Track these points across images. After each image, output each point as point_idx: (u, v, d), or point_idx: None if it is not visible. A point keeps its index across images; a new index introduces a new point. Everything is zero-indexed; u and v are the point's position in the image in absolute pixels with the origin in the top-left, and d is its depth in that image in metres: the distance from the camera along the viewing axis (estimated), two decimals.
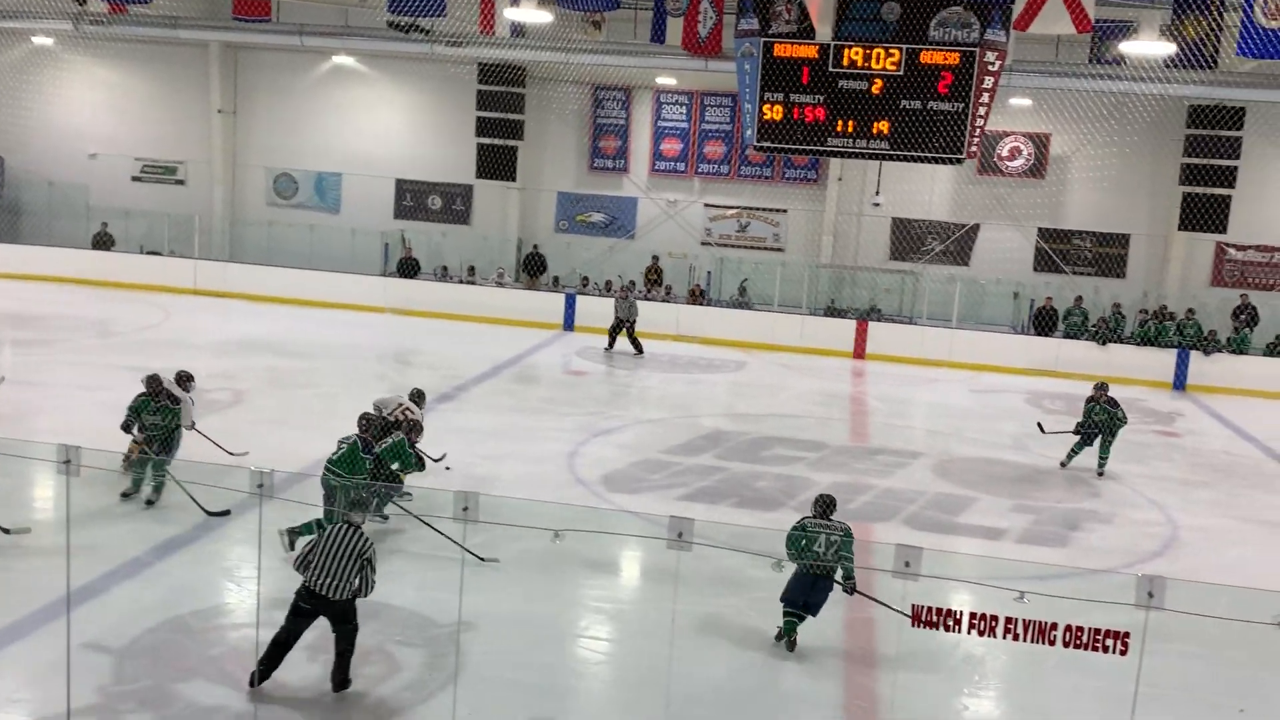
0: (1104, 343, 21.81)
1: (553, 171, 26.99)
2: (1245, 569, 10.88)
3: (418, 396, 11.76)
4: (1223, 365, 21.43)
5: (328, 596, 6.98)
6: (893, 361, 22.14)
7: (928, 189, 24.76)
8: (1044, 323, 22.95)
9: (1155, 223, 24.34)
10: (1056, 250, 24.90)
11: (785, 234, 26.03)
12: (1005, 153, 24.61)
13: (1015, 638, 5.21)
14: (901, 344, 22.54)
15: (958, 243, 25.15)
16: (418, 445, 10.29)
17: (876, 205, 23.41)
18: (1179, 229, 22.36)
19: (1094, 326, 22.25)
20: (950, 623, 5.22)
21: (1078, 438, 14.45)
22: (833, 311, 24.41)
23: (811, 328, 23.07)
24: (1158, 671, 6.21)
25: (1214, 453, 16.42)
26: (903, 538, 10.93)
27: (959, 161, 15.78)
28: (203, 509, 9.78)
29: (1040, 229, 24.87)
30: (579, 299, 23.74)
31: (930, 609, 5.24)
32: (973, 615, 5.21)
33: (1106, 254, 24.76)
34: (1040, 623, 5.25)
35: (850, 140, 15.70)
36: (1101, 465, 14.26)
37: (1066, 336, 22.52)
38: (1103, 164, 24.01)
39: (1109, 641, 5.14)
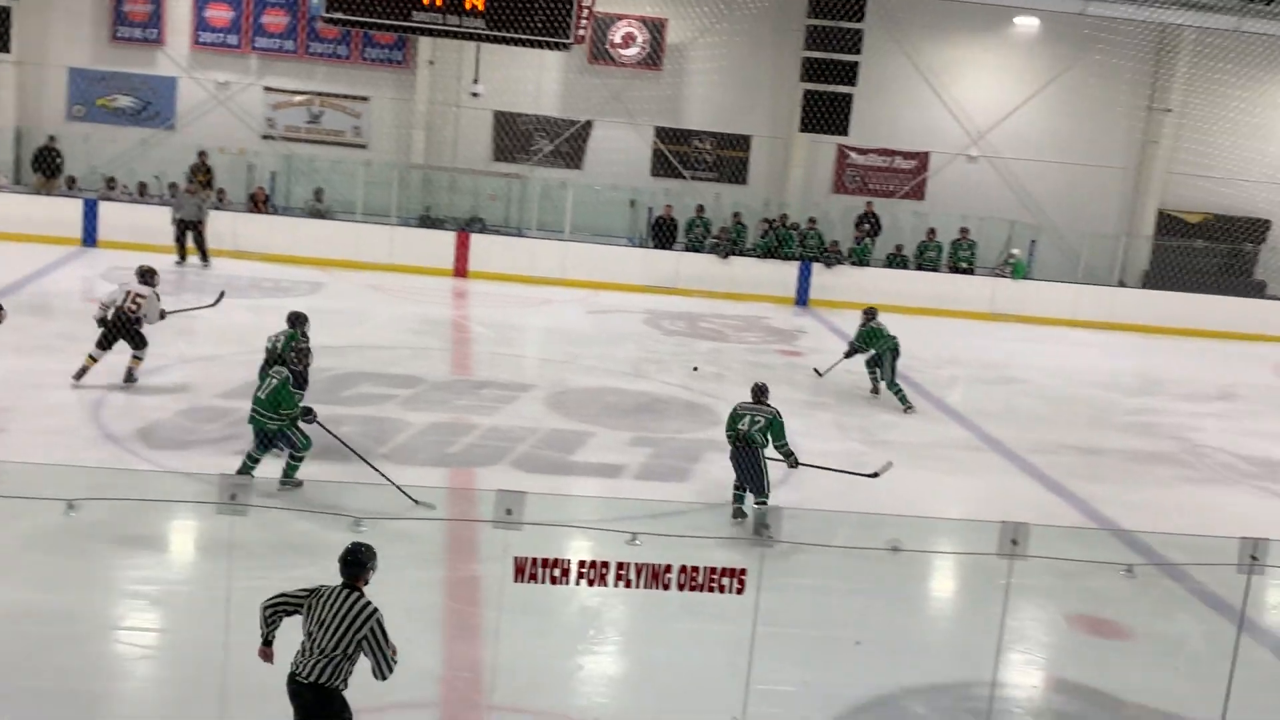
0: (726, 255, 23.36)
1: (62, 41, 24.64)
2: (865, 493, 12.13)
3: (147, 275, 13.56)
4: (845, 278, 23.66)
5: (300, 678, 5.87)
6: (499, 280, 22.46)
7: (535, 78, 25.15)
8: (663, 234, 24.17)
9: (777, 123, 26.23)
10: (676, 153, 26.23)
11: (368, 127, 25.49)
12: (619, 39, 25.45)
13: (628, 584, 5.48)
14: (508, 260, 22.91)
15: (569, 142, 25.81)
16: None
17: (476, 95, 23.47)
18: (800, 130, 24.23)
19: (715, 238, 23.74)
20: (557, 574, 5.41)
21: (863, 365, 16.14)
22: (428, 222, 24.32)
23: (403, 241, 22.88)
24: (777, 608, 6.81)
25: (837, 371, 18.11)
26: (512, 481, 11.18)
27: (566, 46, 16.14)
28: None
29: (658, 128, 26.05)
30: (102, 206, 22.01)
31: (534, 560, 5.40)
32: (581, 564, 5.42)
33: (728, 157, 26.41)
34: (654, 566, 5.55)
35: (440, 15, 15.57)
36: (899, 394, 15.86)
37: (689, 249, 23.88)
38: (723, 56, 25.48)
39: (725, 580, 5.55)
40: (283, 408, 10.39)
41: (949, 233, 25.11)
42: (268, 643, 6.09)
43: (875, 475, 11.32)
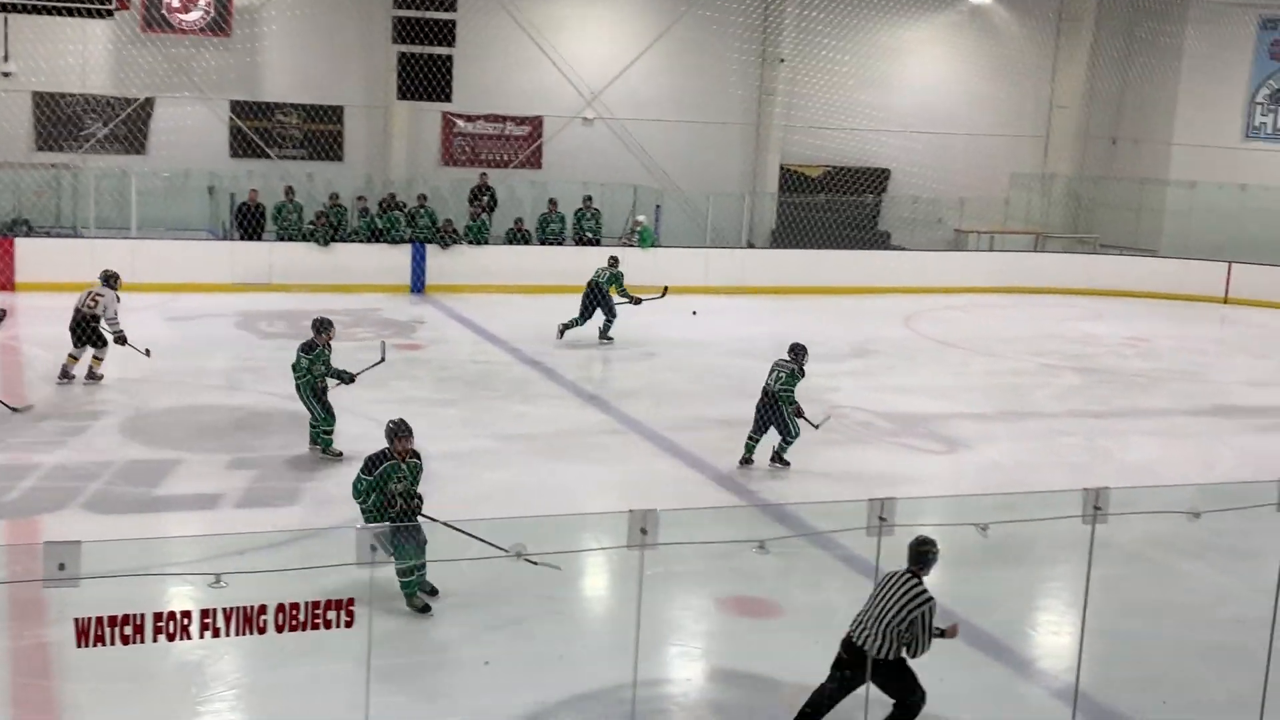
0: (325, 242, 22.90)
1: None
2: (499, 496, 12.23)
3: (110, 279, 15.65)
4: (463, 259, 23.72)
5: (862, 649, 7.29)
6: (54, 290, 21.02)
7: (79, 52, 23.77)
8: (250, 223, 23.38)
9: (372, 92, 25.94)
10: (257, 130, 25.44)
11: None
12: (176, 3, 24.38)
13: (215, 634, 5.24)
14: (65, 265, 21.49)
15: (128, 124, 24.56)
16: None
17: (7, 75, 21.96)
18: (399, 98, 24.07)
19: (311, 223, 23.22)
20: (129, 631, 5.08)
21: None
22: None
23: None
24: (401, 635, 6.74)
25: (462, 363, 18.20)
26: (85, 528, 10.54)
27: (108, 13, 15.29)
28: None
29: (234, 103, 25.21)
30: None
31: (98, 620, 5.05)
32: (157, 617, 5.13)
33: (319, 132, 25.87)
34: (246, 609, 5.34)
35: None
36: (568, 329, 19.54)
37: (281, 238, 23.23)
38: (302, 18, 24.91)
39: (331, 614, 5.40)
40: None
41: (571, 202, 25.66)
42: None
43: (817, 426, 13.43)
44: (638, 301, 19.71)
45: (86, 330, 15.53)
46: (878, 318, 23.40)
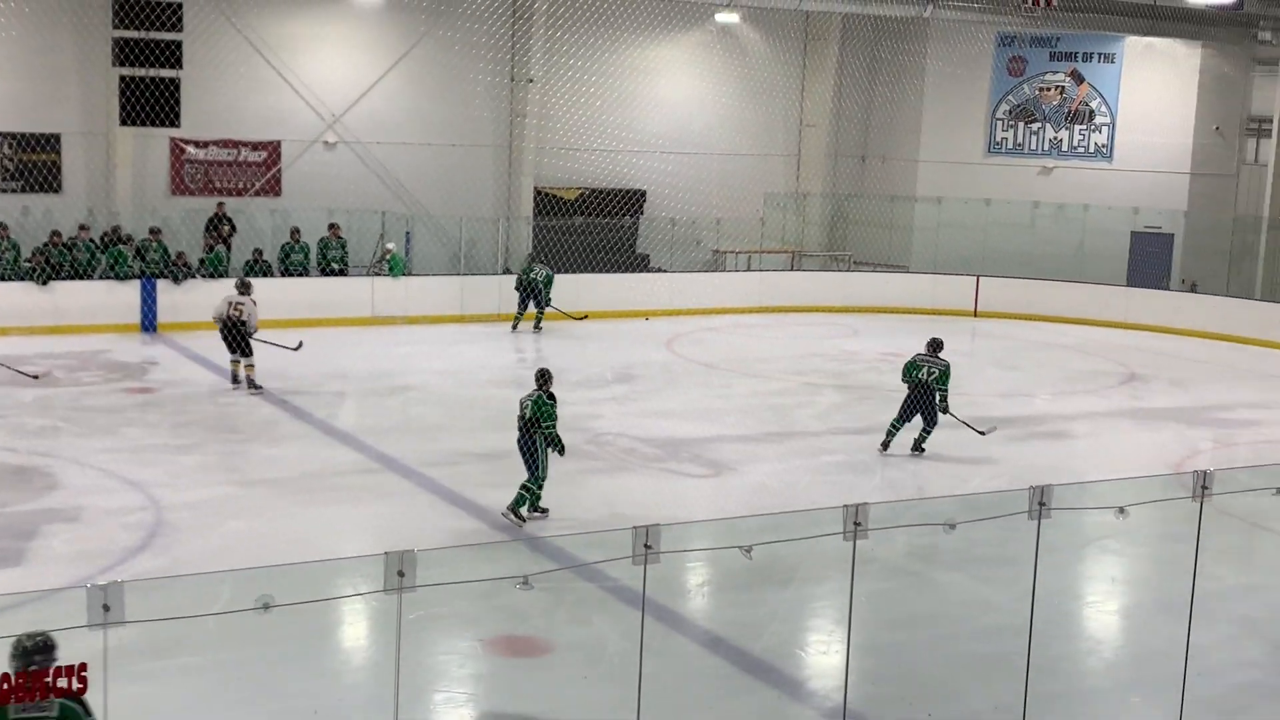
0: (45, 281, 21.95)
1: None
2: (245, 546, 11.90)
3: (242, 286, 18.04)
4: (199, 293, 22.97)
5: None
6: None
7: None
8: None
9: (92, 117, 24.94)
10: None
11: None
12: None
13: None
14: None
15: None
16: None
17: None
18: (122, 124, 23.24)
19: (28, 261, 22.25)
20: None
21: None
22: None
23: None
24: (140, 698, 6.51)
25: (201, 405, 17.65)
26: None
27: None
28: None
29: None
30: None
31: None
32: None
33: (33, 162, 24.73)
34: None
35: None
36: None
37: None
38: (11, 39, 23.83)
39: (62, 681, 5.19)
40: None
41: (316, 231, 25.19)
42: None
43: (984, 433, 15.82)
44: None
45: (237, 337, 17.63)
46: (639, 341, 23.73)
